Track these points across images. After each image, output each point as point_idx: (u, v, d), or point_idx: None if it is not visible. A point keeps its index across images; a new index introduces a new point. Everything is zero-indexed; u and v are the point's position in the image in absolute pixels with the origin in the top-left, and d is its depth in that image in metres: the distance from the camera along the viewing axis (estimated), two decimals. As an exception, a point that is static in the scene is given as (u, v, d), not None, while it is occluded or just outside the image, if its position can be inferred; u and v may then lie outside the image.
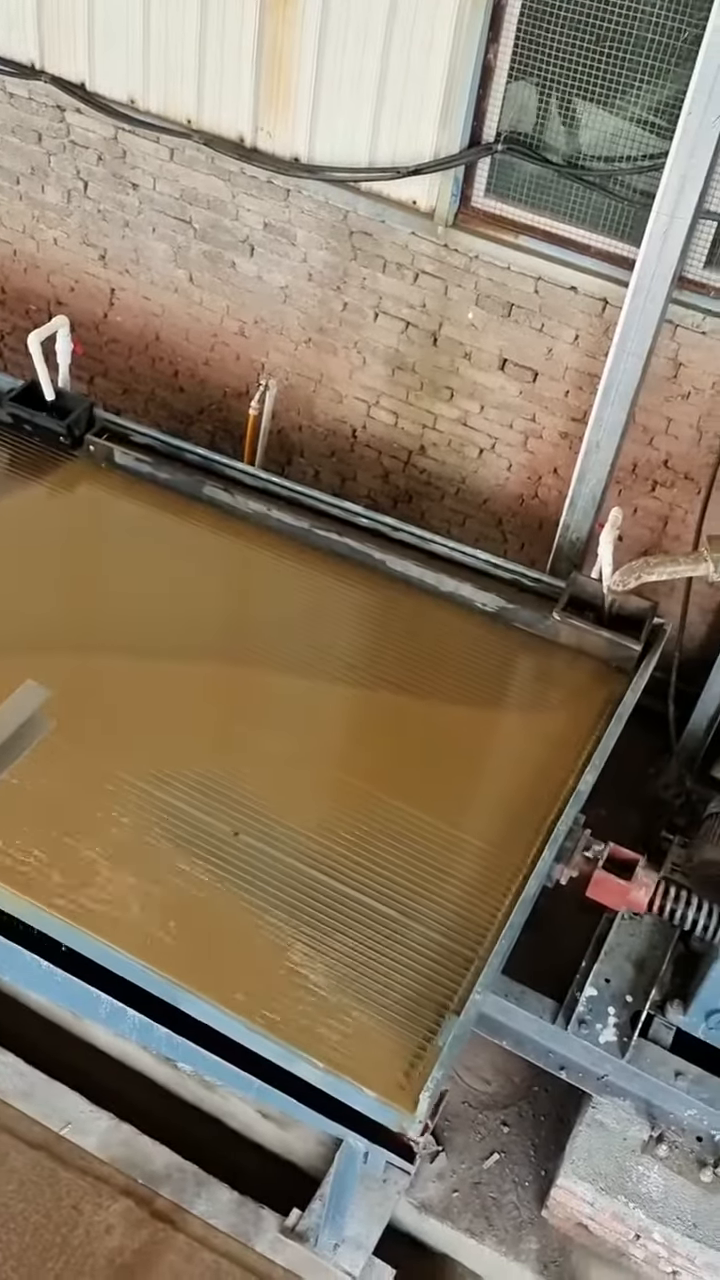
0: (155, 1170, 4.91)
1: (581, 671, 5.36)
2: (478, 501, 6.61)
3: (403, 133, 5.55)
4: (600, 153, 5.32)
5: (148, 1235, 4.64)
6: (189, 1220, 4.73)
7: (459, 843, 4.55)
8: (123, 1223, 4.66)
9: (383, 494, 6.85)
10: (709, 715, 5.99)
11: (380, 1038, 3.85)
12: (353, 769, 4.83)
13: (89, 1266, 4.54)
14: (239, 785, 4.60)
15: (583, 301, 5.64)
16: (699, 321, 5.43)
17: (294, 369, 6.61)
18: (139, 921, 4.06)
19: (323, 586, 5.62)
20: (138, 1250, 4.59)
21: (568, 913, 5.41)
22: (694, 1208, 4.60)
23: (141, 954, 3.94)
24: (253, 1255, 4.62)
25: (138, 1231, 4.64)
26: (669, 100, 4.99)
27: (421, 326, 6.12)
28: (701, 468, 5.83)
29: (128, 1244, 4.61)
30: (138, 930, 4.03)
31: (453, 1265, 4.95)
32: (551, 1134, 5.11)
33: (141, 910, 4.10)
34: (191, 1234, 4.68)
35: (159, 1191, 4.78)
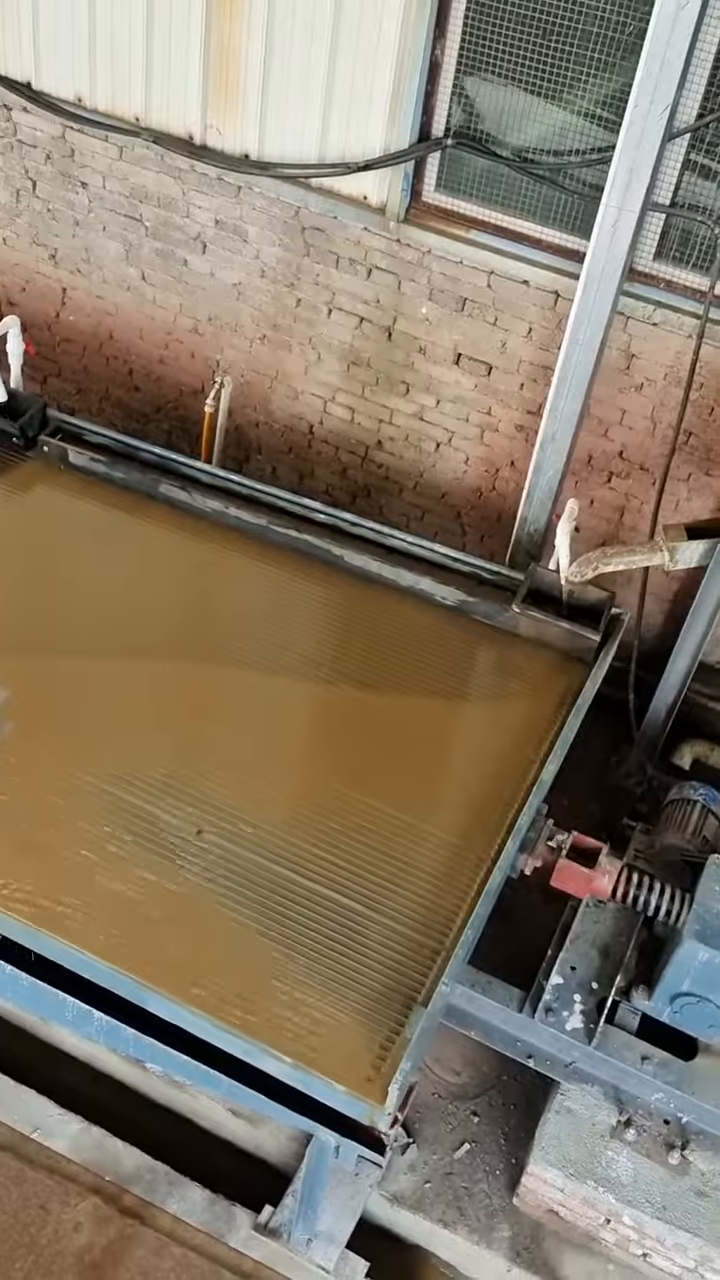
0: (126, 1172, 4.90)
1: (542, 663, 5.40)
2: (436, 495, 6.63)
3: (352, 128, 5.56)
4: (549, 146, 5.35)
5: (116, 1231, 4.64)
6: (157, 1215, 4.73)
7: (424, 835, 4.57)
8: (91, 1220, 4.65)
9: (341, 489, 6.86)
10: (668, 703, 6.05)
11: (348, 1032, 3.86)
12: (316, 765, 4.84)
13: (58, 1265, 4.53)
14: (202, 784, 4.59)
15: (535, 295, 5.67)
16: (650, 313, 5.47)
17: (249, 366, 6.60)
18: (102, 923, 4.04)
19: (282, 583, 5.61)
20: (106, 1247, 4.59)
21: (534, 903, 5.46)
22: (662, 1190, 4.64)
23: (106, 955, 3.93)
24: (222, 1248, 4.63)
25: (106, 1228, 4.64)
26: (616, 93, 5.03)
27: (376, 322, 6.13)
28: (656, 458, 5.88)
29: (96, 1241, 4.60)
30: (101, 931, 4.01)
31: (426, 1256, 4.97)
32: (521, 1122, 5.14)
33: (105, 911, 4.08)
34: (160, 1229, 4.68)
35: (127, 1189, 4.76)
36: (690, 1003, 4.45)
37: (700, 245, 5.30)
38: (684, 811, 5.34)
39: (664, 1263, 4.73)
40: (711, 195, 5.17)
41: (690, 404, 5.57)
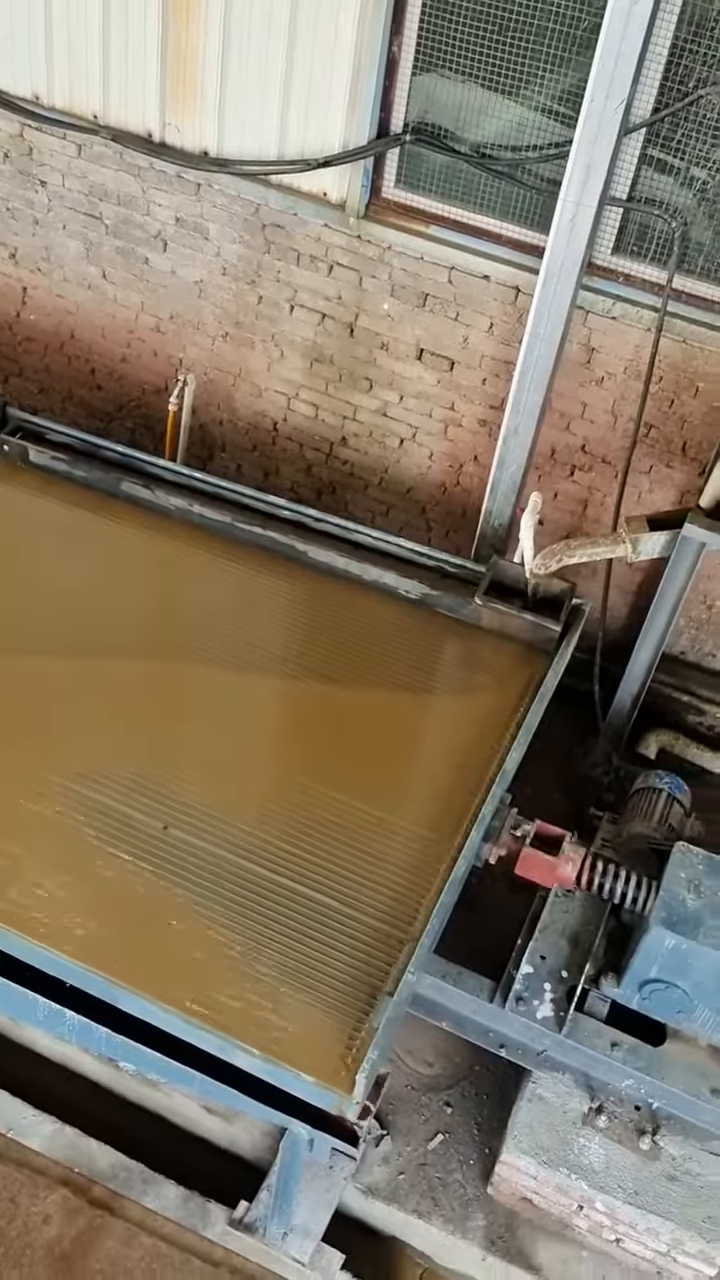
0: (101, 1170, 4.88)
1: (505, 654, 5.43)
2: (401, 491, 6.66)
3: (311, 125, 5.57)
4: (507, 142, 5.39)
5: (85, 1223, 4.64)
6: (126, 1206, 4.74)
7: (390, 827, 4.59)
8: (60, 1212, 4.65)
9: (306, 486, 6.87)
10: (632, 693, 6.10)
11: (317, 1024, 3.87)
12: (283, 760, 4.85)
13: (28, 1258, 4.52)
14: (169, 781, 4.59)
15: (496, 290, 5.70)
16: (609, 307, 5.52)
17: (212, 364, 6.60)
18: (71, 921, 4.03)
19: (248, 580, 5.62)
20: (76, 1238, 4.59)
21: (502, 893, 5.49)
22: (634, 1175, 4.68)
23: (75, 954, 3.92)
24: (191, 1236, 4.63)
25: (75, 1220, 4.64)
26: (572, 88, 5.07)
27: (338, 318, 6.14)
28: (617, 451, 5.93)
29: (66, 1232, 4.60)
30: (70, 930, 4.00)
31: (401, 1247, 4.99)
32: (494, 1111, 5.17)
33: (73, 910, 4.07)
34: (129, 1219, 4.68)
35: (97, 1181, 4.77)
36: (658, 989, 4.49)
37: (658, 239, 5.35)
38: (650, 800, 5.37)
39: (637, 1247, 4.77)
40: (669, 189, 5.22)
41: (650, 397, 5.63)
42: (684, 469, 5.87)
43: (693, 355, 5.50)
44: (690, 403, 5.65)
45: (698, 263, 5.35)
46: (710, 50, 4.80)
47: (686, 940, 4.29)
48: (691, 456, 5.80)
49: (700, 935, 4.29)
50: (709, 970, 4.31)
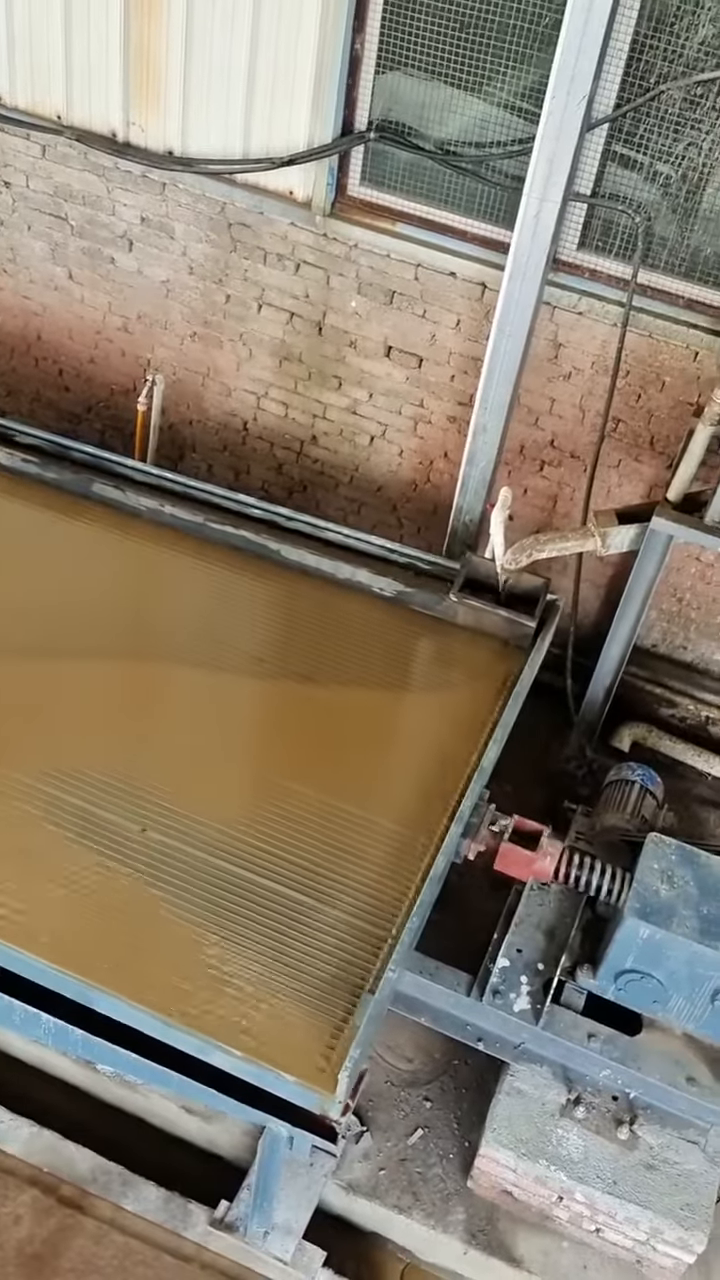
0: (80, 1174, 4.88)
1: (481, 650, 5.44)
2: (372, 489, 6.66)
3: (275, 123, 5.56)
4: (471, 138, 5.40)
5: (56, 1223, 4.63)
6: (97, 1204, 4.74)
7: (369, 825, 4.59)
8: (30, 1212, 4.64)
9: (277, 485, 6.87)
10: (605, 686, 6.14)
11: (298, 1022, 3.88)
12: (260, 759, 4.85)
13: None
14: (145, 782, 4.58)
15: (462, 286, 5.72)
16: (575, 302, 5.55)
17: (181, 364, 6.59)
18: (46, 924, 4.02)
19: (220, 580, 5.61)
20: (47, 1238, 4.58)
21: (481, 888, 5.52)
22: (613, 1165, 4.71)
23: (51, 957, 3.90)
24: (161, 1232, 4.64)
25: (46, 1219, 4.63)
26: (535, 85, 5.09)
27: (306, 316, 6.14)
28: (586, 446, 5.95)
29: (37, 1232, 4.59)
30: (45, 933, 3.99)
31: (382, 1243, 5.01)
32: (473, 1105, 5.20)
33: (48, 913, 4.06)
34: (100, 1217, 4.69)
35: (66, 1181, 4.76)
36: (634, 979, 4.52)
37: (622, 234, 5.38)
38: (623, 792, 5.42)
39: (616, 1237, 4.80)
40: (632, 184, 5.25)
41: (617, 391, 5.66)
42: (652, 463, 5.91)
43: (659, 349, 5.53)
44: (657, 397, 5.69)
45: (662, 257, 5.38)
46: (670, 46, 4.83)
47: (660, 930, 4.33)
48: (659, 450, 5.84)
49: (673, 925, 4.32)
50: (682, 960, 4.34)
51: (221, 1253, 4.65)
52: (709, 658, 6.48)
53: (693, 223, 5.28)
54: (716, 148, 5.03)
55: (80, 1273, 4.52)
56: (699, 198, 5.19)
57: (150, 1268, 4.54)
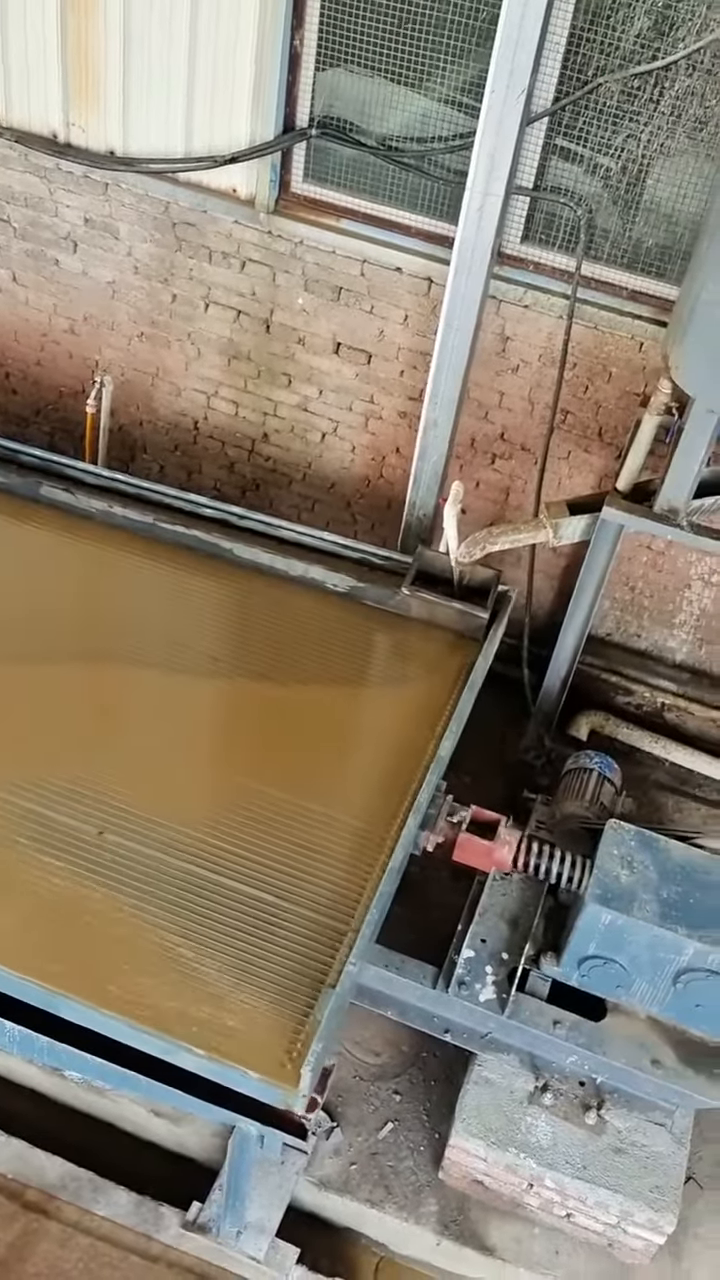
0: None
1: (435, 643, 5.46)
2: (325, 485, 6.67)
3: (216, 121, 5.55)
4: (413, 134, 5.42)
5: (20, 1228, 4.60)
6: (62, 1208, 4.71)
7: (327, 820, 4.59)
8: None
9: (230, 484, 6.85)
10: (560, 676, 6.17)
11: (261, 1020, 3.87)
12: (219, 759, 4.84)
13: None
14: (103, 785, 4.55)
15: (408, 282, 5.73)
16: (521, 295, 5.58)
17: (129, 364, 6.55)
18: (6, 931, 3.99)
19: (174, 580, 5.59)
20: (11, 1244, 4.54)
21: (443, 881, 5.54)
22: (581, 1150, 4.75)
23: (11, 964, 3.87)
24: (129, 1234, 4.61)
25: (10, 1225, 4.59)
26: (474, 79, 5.11)
27: (253, 314, 6.13)
28: (536, 438, 5.99)
29: (1, 1238, 4.55)
30: (5, 940, 3.95)
31: (356, 1237, 5.02)
32: (442, 1097, 5.21)
33: (7, 919, 4.03)
34: (65, 1221, 4.66)
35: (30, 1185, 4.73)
36: (597, 965, 4.55)
37: (565, 227, 5.42)
38: (581, 780, 5.46)
39: (587, 1221, 4.84)
40: (574, 177, 5.29)
41: (565, 383, 5.70)
42: (601, 453, 5.95)
43: (604, 341, 5.58)
44: (604, 388, 5.73)
45: (605, 249, 5.42)
46: (607, 39, 4.87)
47: (621, 915, 4.36)
48: (608, 441, 5.89)
49: (634, 910, 4.36)
50: (644, 944, 4.38)
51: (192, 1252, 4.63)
52: (662, 645, 6.55)
53: (634, 214, 5.32)
54: (655, 140, 5.08)
55: (46, 1277, 4.49)
56: (639, 189, 5.24)
57: (117, 1269, 4.52)
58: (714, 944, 4.29)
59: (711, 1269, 4.92)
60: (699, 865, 4.54)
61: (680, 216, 5.24)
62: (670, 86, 4.92)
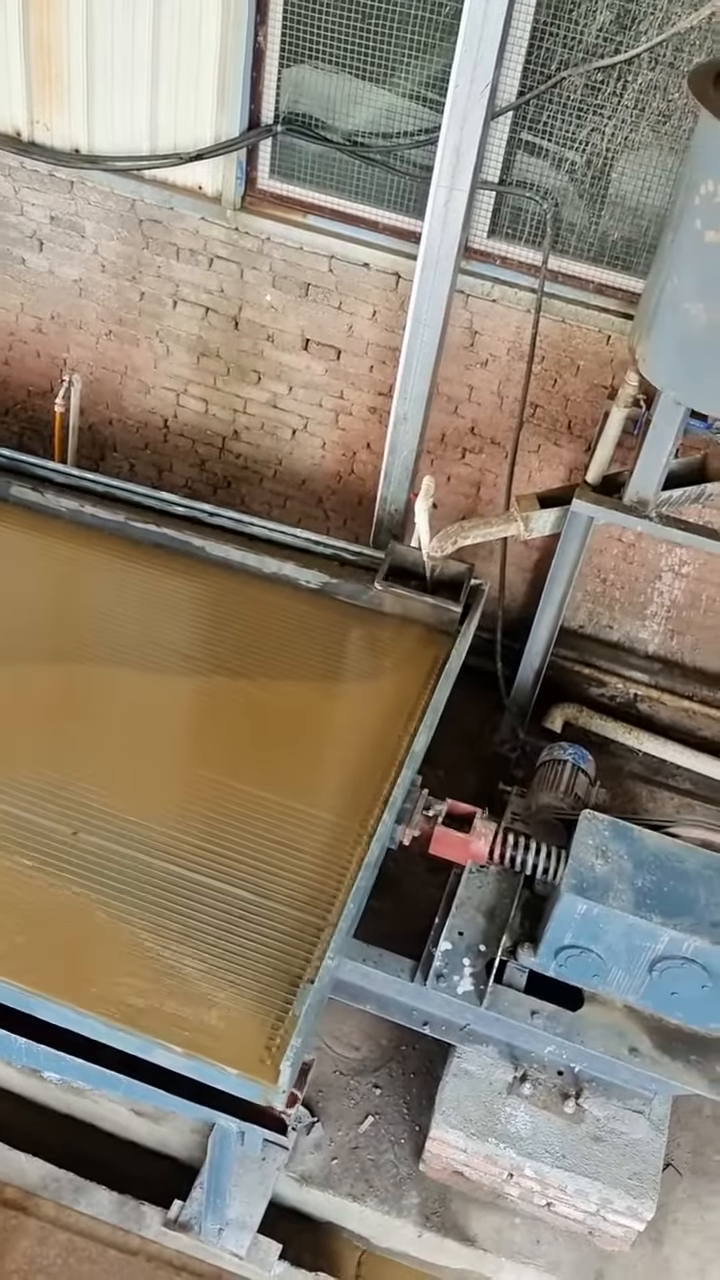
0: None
1: (409, 638, 5.47)
2: (296, 482, 6.67)
3: (181, 118, 5.54)
4: (379, 129, 5.42)
5: None
6: (41, 1204, 4.70)
7: (303, 817, 4.60)
8: None
9: (201, 482, 6.84)
10: (534, 669, 6.20)
11: (239, 1017, 3.88)
12: (194, 757, 4.82)
13: None
14: (77, 785, 4.54)
15: (376, 277, 5.74)
16: (488, 290, 5.59)
17: (98, 363, 6.53)
18: (-18, 933, 3.98)
19: (146, 578, 5.57)
20: None
21: (420, 875, 5.56)
22: (560, 1139, 4.78)
23: (-12, 965, 3.87)
24: (105, 1228, 4.61)
25: None
26: (439, 74, 5.12)
27: (221, 311, 6.12)
28: (505, 432, 6.01)
29: None
30: (-18, 942, 3.95)
31: (338, 1231, 5.03)
32: (422, 1089, 5.23)
33: (-16, 921, 4.02)
34: (43, 1217, 4.65)
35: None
36: (573, 954, 4.57)
37: (531, 221, 5.43)
38: (555, 772, 5.49)
39: (568, 1209, 4.87)
40: (539, 171, 5.30)
41: (534, 377, 5.72)
42: (571, 446, 5.98)
43: (572, 334, 5.60)
44: (572, 381, 5.76)
45: (571, 243, 5.45)
46: (570, 33, 4.89)
47: (597, 905, 4.39)
48: (577, 434, 5.91)
49: (609, 899, 4.38)
50: (620, 933, 4.41)
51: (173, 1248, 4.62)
52: (634, 636, 6.59)
53: (600, 208, 5.35)
54: (619, 133, 5.10)
55: (25, 1274, 4.48)
56: (605, 183, 5.26)
57: (96, 1263, 4.52)
58: (688, 931, 4.32)
59: (691, 1254, 4.97)
60: (673, 854, 4.57)
61: (645, 209, 5.27)
62: (633, 80, 4.95)
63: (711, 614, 6.34)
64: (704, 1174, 5.18)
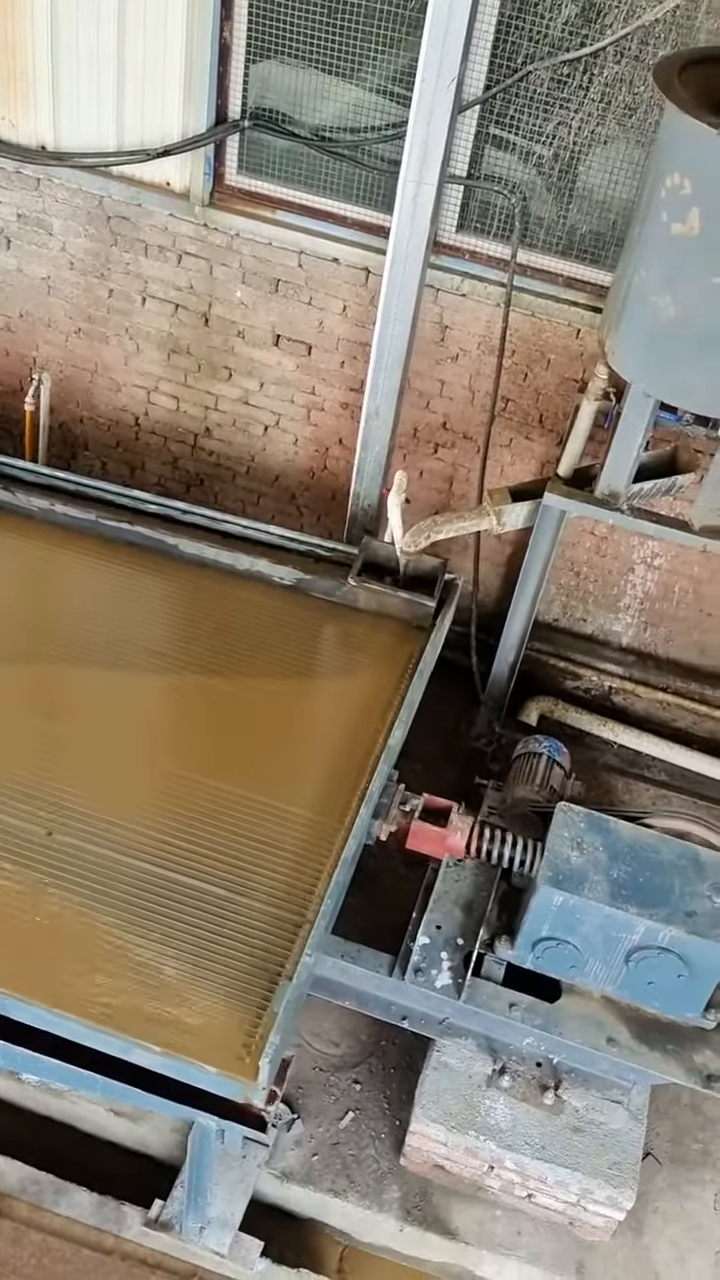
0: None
1: (383, 633, 5.47)
2: (269, 479, 6.65)
3: (148, 115, 5.51)
4: (346, 124, 5.41)
5: None
6: (14, 1205, 4.67)
7: (280, 813, 4.59)
8: None
9: (174, 480, 6.82)
10: (509, 662, 6.21)
11: (218, 1015, 3.87)
12: (169, 756, 4.81)
13: None
14: (51, 786, 4.52)
15: (346, 272, 5.73)
16: (458, 284, 5.59)
17: (67, 361, 6.49)
18: (-43, 935, 3.96)
19: (119, 577, 5.55)
20: None
21: (397, 870, 5.57)
22: (540, 1131, 4.79)
23: (-37, 968, 3.85)
24: (80, 1228, 4.58)
25: None
26: (405, 68, 5.11)
27: (191, 308, 6.10)
28: (477, 426, 6.02)
29: None
30: (-44, 944, 3.92)
31: (320, 1227, 5.03)
32: (402, 1084, 5.24)
33: (-42, 924, 3.99)
34: (16, 1219, 4.62)
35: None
36: (550, 946, 4.58)
37: (500, 215, 5.44)
38: (531, 765, 5.50)
39: (548, 1200, 4.89)
40: (507, 165, 5.31)
41: (505, 371, 5.73)
42: (542, 440, 5.99)
43: (541, 328, 5.61)
44: (543, 375, 5.77)
45: (540, 236, 5.46)
46: (536, 26, 4.90)
47: (573, 896, 4.40)
48: (548, 428, 5.93)
49: (585, 890, 4.40)
50: (596, 924, 4.43)
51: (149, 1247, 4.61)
52: (608, 629, 6.61)
53: (568, 201, 5.36)
54: (586, 126, 5.11)
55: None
56: (572, 176, 5.28)
57: (70, 1264, 4.49)
58: (664, 922, 4.34)
59: (671, 1243, 5.00)
60: (648, 845, 4.59)
61: (613, 203, 5.29)
62: (599, 74, 4.96)
63: (684, 606, 6.37)
64: (683, 1163, 5.21)
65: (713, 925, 4.35)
